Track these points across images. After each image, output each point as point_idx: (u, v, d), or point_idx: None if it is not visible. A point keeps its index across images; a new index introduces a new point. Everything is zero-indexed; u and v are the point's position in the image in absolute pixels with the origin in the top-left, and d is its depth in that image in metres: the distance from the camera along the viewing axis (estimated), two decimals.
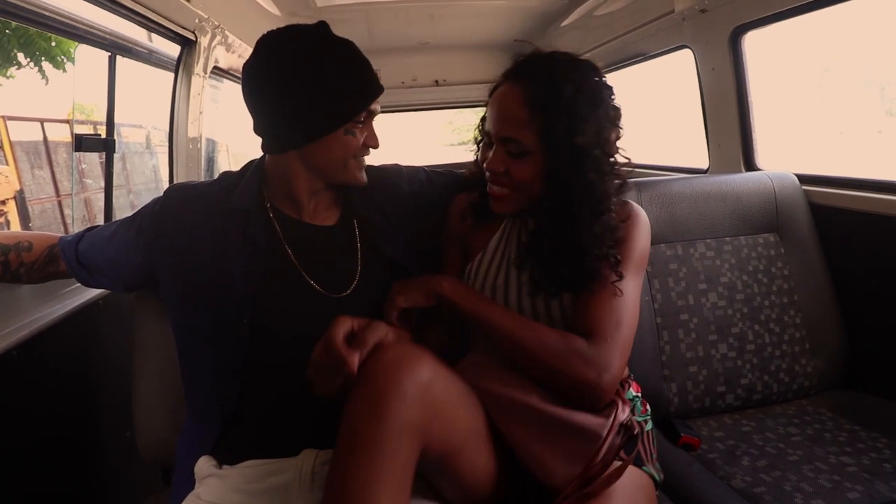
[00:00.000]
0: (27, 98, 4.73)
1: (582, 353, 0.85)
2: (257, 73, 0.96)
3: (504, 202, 0.98)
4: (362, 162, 1.02)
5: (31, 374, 1.10)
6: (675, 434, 1.22)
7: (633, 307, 0.93)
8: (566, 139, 0.89)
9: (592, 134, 0.90)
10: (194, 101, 1.90)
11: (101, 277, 1.05)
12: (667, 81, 2.63)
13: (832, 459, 1.12)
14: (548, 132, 0.90)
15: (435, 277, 0.96)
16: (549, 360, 0.85)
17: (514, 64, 0.97)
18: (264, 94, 0.96)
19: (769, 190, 1.45)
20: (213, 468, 0.92)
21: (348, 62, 0.96)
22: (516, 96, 0.93)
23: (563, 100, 0.89)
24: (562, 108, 0.89)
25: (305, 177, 1.00)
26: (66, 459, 1.20)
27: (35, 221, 4.84)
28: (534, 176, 0.94)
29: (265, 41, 0.96)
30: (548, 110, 0.90)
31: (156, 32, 1.68)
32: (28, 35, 3.20)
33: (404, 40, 2.93)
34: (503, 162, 0.95)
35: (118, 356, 1.29)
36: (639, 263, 0.97)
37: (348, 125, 0.96)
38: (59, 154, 5.19)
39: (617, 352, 0.87)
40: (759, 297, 1.39)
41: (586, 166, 0.90)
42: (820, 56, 3.95)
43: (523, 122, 0.91)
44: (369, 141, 1.00)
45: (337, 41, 0.97)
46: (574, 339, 0.87)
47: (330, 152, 0.97)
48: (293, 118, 0.94)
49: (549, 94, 0.90)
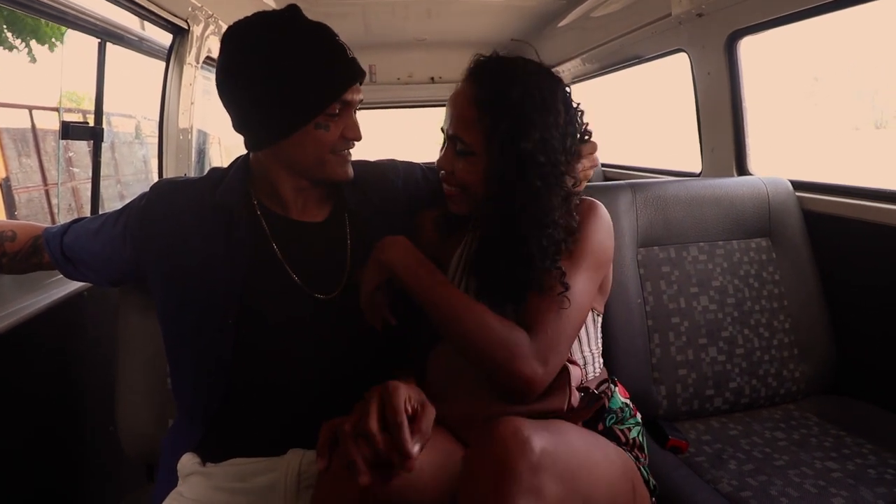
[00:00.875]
0: (16, 85, 4.65)
1: (521, 345, 0.82)
2: (223, 66, 0.92)
3: (455, 201, 0.97)
4: (345, 156, 0.97)
5: (12, 366, 1.08)
6: (663, 437, 1.23)
7: (579, 305, 0.89)
8: (509, 141, 0.87)
9: (538, 140, 0.87)
10: (186, 91, 1.87)
11: (86, 271, 1.03)
12: (660, 85, 2.64)
13: (818, 464, 1.13)
14: (492, 133, 0.88)
15: (382, 243, 0.90)
16: (487, 347, 0.82)
17: (471, 63, 0.96)
18: (230, 88, 0.92)
19: (763, 195, 1.45)
20: (196, 466, 0.91)
21: (314, 50, 0.90)
22: (466, 95, 0.92)
23: (508, 101, 0.87)
24: (507, 110, 0.87)
25: (287, 175, 0.96)
26: (48, 453, 1.18)
27: (21, 210, 4.76)
28: (477, 177, 0.92)
29: (231, 30, 0.92)
30: (493, 111, 0.88)
31: (147, 20, 1.65)
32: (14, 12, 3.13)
33: (400, 36, 2.91)
34: (451, 161, 0.94)
35: (102, 349, 1.27)
36: (593, 260, 0.92)
37: (319, 119, 0.90)
38: (48, 142, 5.12)
39: (556, 347, 0.85)
40: (749, 301, 1.40)
41: (530, 173, 0.87)
42: (811, 65, 4.00)
43: (470, 121, 0.90)
44: (348, 132, 0.94)
45: (304, 28, 0.91)
46: (516, 331, 0.83)
47: (303, 149, 0.92)
48: (259, 114, 0.91)
49: (496, 94, 0.88)
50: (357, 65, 0.94)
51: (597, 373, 1.02)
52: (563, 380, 0.87)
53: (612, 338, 1.28)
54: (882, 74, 3.40)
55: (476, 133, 0.90)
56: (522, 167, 0.87)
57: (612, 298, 1.19)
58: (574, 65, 2.92)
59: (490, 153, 0.89)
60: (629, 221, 1.37)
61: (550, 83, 0.91)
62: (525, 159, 0.87)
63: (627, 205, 1.38)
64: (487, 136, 0.89)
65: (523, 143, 0.86)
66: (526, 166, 0.87)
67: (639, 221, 1.38)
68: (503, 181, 0.88)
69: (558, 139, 0.89)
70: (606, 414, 0.95)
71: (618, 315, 1.31)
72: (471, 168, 0.92)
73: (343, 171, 0.97)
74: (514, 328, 0.84)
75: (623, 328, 1.32)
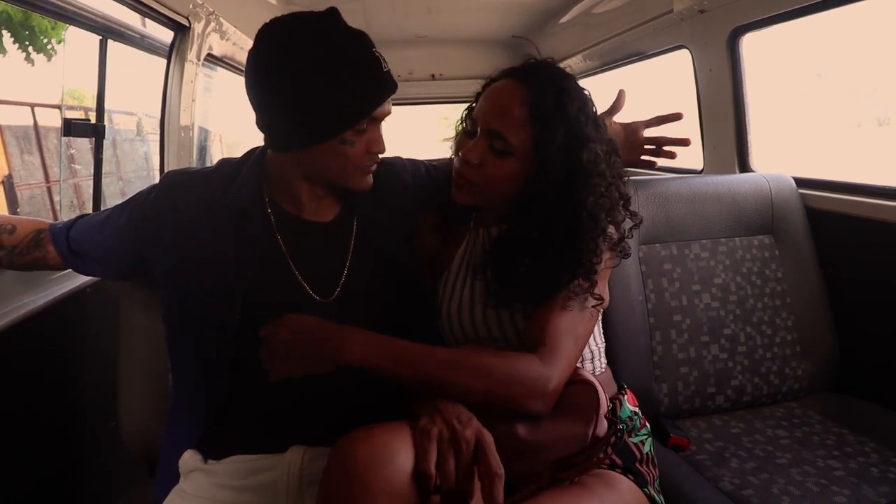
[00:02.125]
0: (19, 83, 4.66)
1: (526, 376, 0.81)
2: (253, 65, 0.90)
3: (465, 191, 0.94)
4: (368, 169, 0.94)
5: (14, 361, 1.08)
6: (665, 435, 1.22)
7: (589, 319, 0.90)
8: (565, 153, 0.87)
9: (593, 153, 0.88)
10: (187, 88, 1.87)
11: (94, 264, 1.03)
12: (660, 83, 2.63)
13: (820, 463, 1.13)
14: (545, 140, 0.88)
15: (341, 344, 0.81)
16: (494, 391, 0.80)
17: (523, 64, 0.95)
18: (258, 89, 0.90)
19: (765, 192, 1.45)
20: (198, 462, 0.90)
21: (349, 62, 0.86)
22: (517, 95, 0.90)
23: (566, 113, 0.88)
24: (564, 120, 0.88)
25: (305, 180, 0.95)
26: (49, 448, 1.18)
27: (24, 207, 4.78)
28: (508, 178, 0.91)
29: (267, 28, 0.89)
30: (550, 119, 0.88)
31: (148, 17, 1.65)
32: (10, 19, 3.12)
33: (401, 33, 2.90)
34: (482, 155, 0.91)
35: (104, 345, 1.27)
36: (603, 275, 0.93)
37: (346, 134, 0.88)
38: (50, 139, 5.12)
39: (565, 368, 0.84)
40: (751, 298, 1.39)
41: (579, 183, 0.88)
42: (814, 61, 3.99)
43: (518, 121, 0.89)
44: (373, 147, 0.91)
45: (340, 37, 0.89)
46: (517, 363, 0.82)
47: (326, 161, 0.91)
48: (285, 121, 0.88)
49: (555, 103, 0.88)
50: (390, 78, 0.92)
51: (602, 367, 1.02)
52: (591, 403, 0.86)
53: (614, 335, 1.28)
54: (885, 71, 3.39)
55: (523, 135, 0.89)
56: (572, 178, 0.88)
57: (614, 296, 1.19)
58: (575, 61, 2.91)
59: (538, 159, 0.89)
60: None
61: (589, 97, 0.93)
62: (577, 172, 0.87)
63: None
64: (537, 142, 0.88)
65: (584, 154, 0.87)
66: (575, 178, 0.88)
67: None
68: (545, 188, 0.88)
69: (606, 155, 0.90)
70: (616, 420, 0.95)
71: (619, 312, 1.31)
72: (505, 168, 0.91)
73: (364, 182, 0.96)
74: (514, 361, 0.82)
75: (625, 326, 1.31)
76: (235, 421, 0.92)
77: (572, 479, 0.84)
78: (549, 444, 0.84)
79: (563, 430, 0.85)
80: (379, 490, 0.68)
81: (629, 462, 0.93)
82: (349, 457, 0.70)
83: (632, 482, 0.90)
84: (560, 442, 0.84)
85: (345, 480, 0.69)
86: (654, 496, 0.93)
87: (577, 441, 0.85)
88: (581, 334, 0.89)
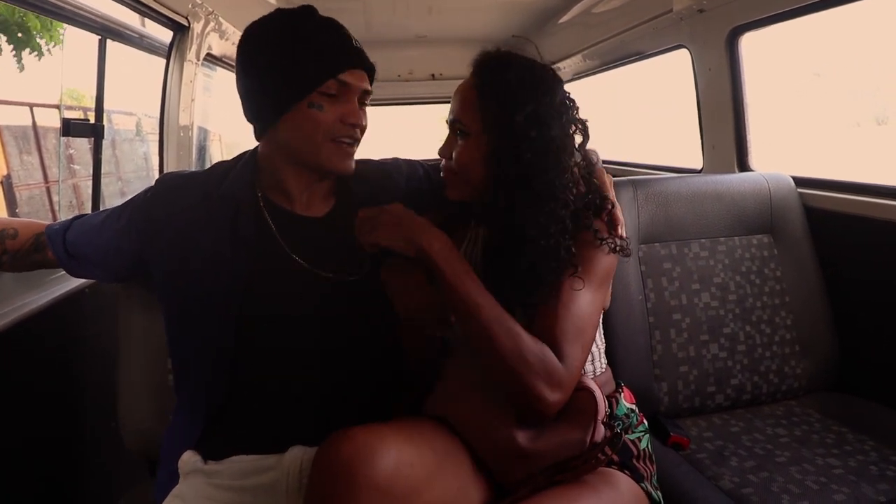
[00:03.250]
0: (18, 83, 4.65)
1: (549, 369, 0.81)
2: (238, 57, 0.96)
3: (451, 186, 0.98)
4: (345, 149, 0.95)
5: (13, 362, 1.08)
6: (665, 433, 1.22)
7: (594, 324, 0.90)
8: (503, 117, 0.89)
9: (530, 114, 0.88)
10: (186, 88, 1.87)
11: (89, 267, 1.03)
12: (660, 82, 2.64)
13: (819, 461, 1.13)
14: (487, 111, 0.91)
15: (426, 233, 0.86)
16: (515, 366, 0.80)
17: (476, 56, 0.99)
18: (239, 77, 0.96)
19: (764, 191, 1.45)
20: (198, 463, 0.90)
21: (316, 34, 0.92)
22: (468, 82, 0.96)
23: (504, 82, 0.91)
24: (501, 88, 0.91)
25: (291, 167, 0.96)
26: (49, 449, 1.18)
27: (23, 207, 4.76)
28: (474, 158, 0.93)
29: (249, 26, 0.97)
30: (490, 91, 0.92)
31: (148, 16, 1.65)
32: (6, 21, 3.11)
33: (401, 33, 2.90)
34: (451, 145, 0.96)
35: (104, 345, 1.27)
36: (601, 276, 0.92)
37: (313, 97, 0.90)
38: (49, 140, 5.11)
39: (576, 374, 0.85)
40: (751, 297, 1.40)
41: (523, 146, 0.88)
42: (812, 61, 3.99)
43: (469, 103, 0.93)
44: (348, 118, 0.93)
45: (311, 21, 0.94)
46: (549, 353, 0.82)
47: (298, 130, 0.92)
48: (260, 94, 0.94)
49: (493, 78, 0.92)
50: (361, 53, 0.96)
51: (603, 368, 1.02)
52: (590, 409, 0.86)
53: (614, 334, 1.28)
54: (883, 71, 3.40)
55: (473, 113, 0.93)
56: (516, 140, 0.89)
57: (614, 295, 1.19)
58: (575, 61, 2.91)
59: (486, 133, 0.91)
60: (630, 218, 1.36)
61: (543, 69, 0.95)
62: (518, 132, 0.89)
63: (628, 201, 1.38)
64: (483, 116, 0.91)
65: (516, 115, 0.88)
66: (519, 139, 0.89)
67: (640, 218, 1.38)
68: (498, 158, 0.90)
69: (553, 116, 0.90)
70: (613, 420, 0.95)
71: (619, 312, 1.31)
72: (467, 149, 0.94)
73: (342, 163, 0.96)
74: (546, 350, 0.82)
75: (624, 325, 1.32)
76: (235, 421, 0.92)
77: (569, 482, 0.84)
78: (547, 451, 0.85)
79: (561, 436, 0.85)
80: (364, 486, 0.70)
81: (626, 458, 0.94)
82: (334, 456, 0.72)
83: (629, 478, 0.91)
84: (558, 448, 0.85)
85: (330, 478, 0.71)
86: (651, 492, 0.93)
87: (575, 446, 0.85)
88: (588, 340, 0.88)
